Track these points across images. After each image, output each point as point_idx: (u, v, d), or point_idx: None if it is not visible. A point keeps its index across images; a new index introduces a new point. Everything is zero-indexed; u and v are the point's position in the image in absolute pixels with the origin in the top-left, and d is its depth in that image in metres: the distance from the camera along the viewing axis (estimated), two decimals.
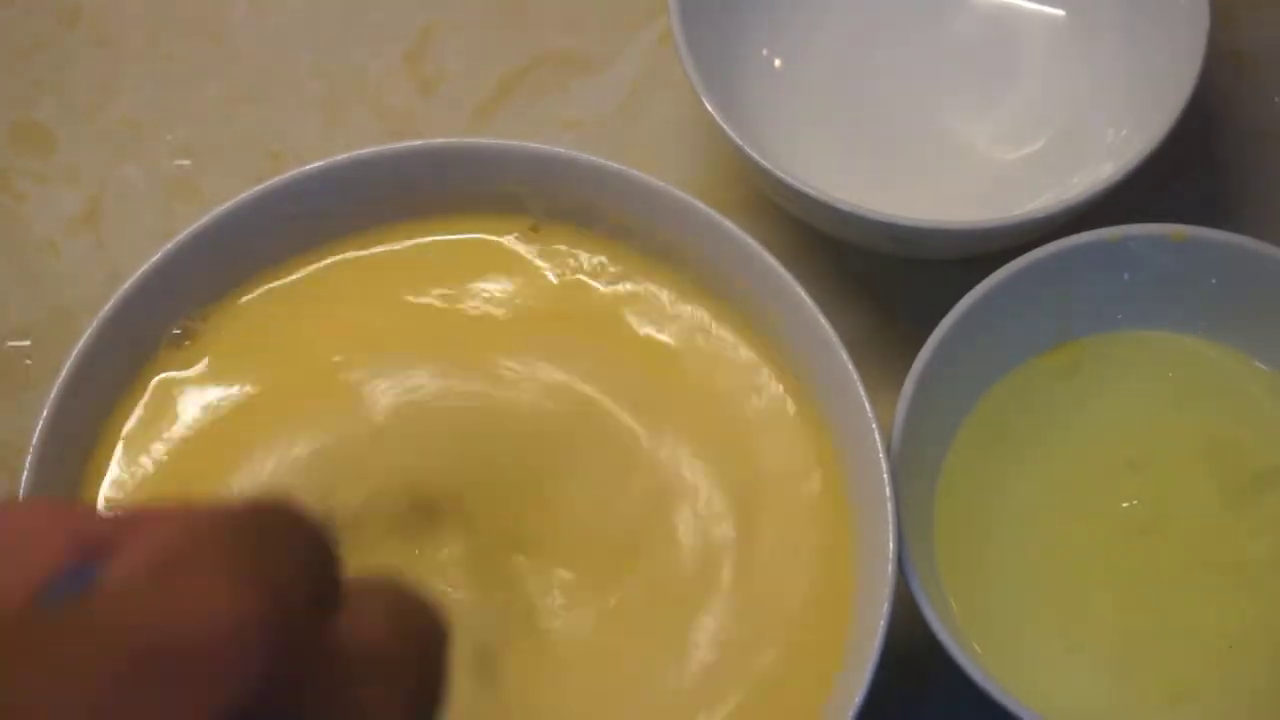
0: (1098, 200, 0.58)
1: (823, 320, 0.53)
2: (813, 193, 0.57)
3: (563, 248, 0.57)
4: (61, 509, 0.31)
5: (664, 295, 0.57)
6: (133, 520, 0.30)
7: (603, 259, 0.57)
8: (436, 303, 0.57)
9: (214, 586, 0.27)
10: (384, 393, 0.55)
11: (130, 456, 0.55)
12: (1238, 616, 0.54)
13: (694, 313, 0.57)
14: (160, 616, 0.26)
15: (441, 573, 0.53)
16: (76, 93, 0.67)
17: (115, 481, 0.54)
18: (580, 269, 0.57)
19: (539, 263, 0.57)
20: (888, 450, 0.52)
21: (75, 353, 0.53)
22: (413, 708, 0.30)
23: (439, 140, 0.57)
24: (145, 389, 0.55)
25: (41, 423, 0.52)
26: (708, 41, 0.61)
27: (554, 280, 0.57)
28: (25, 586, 0.29)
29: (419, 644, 0.31)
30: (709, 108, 0.59)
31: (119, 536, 0.29)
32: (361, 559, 0.32)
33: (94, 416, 0.54)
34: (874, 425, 0.52)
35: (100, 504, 0.53)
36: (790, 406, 0.55)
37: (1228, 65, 0.66)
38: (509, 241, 0.57)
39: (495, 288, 0.57)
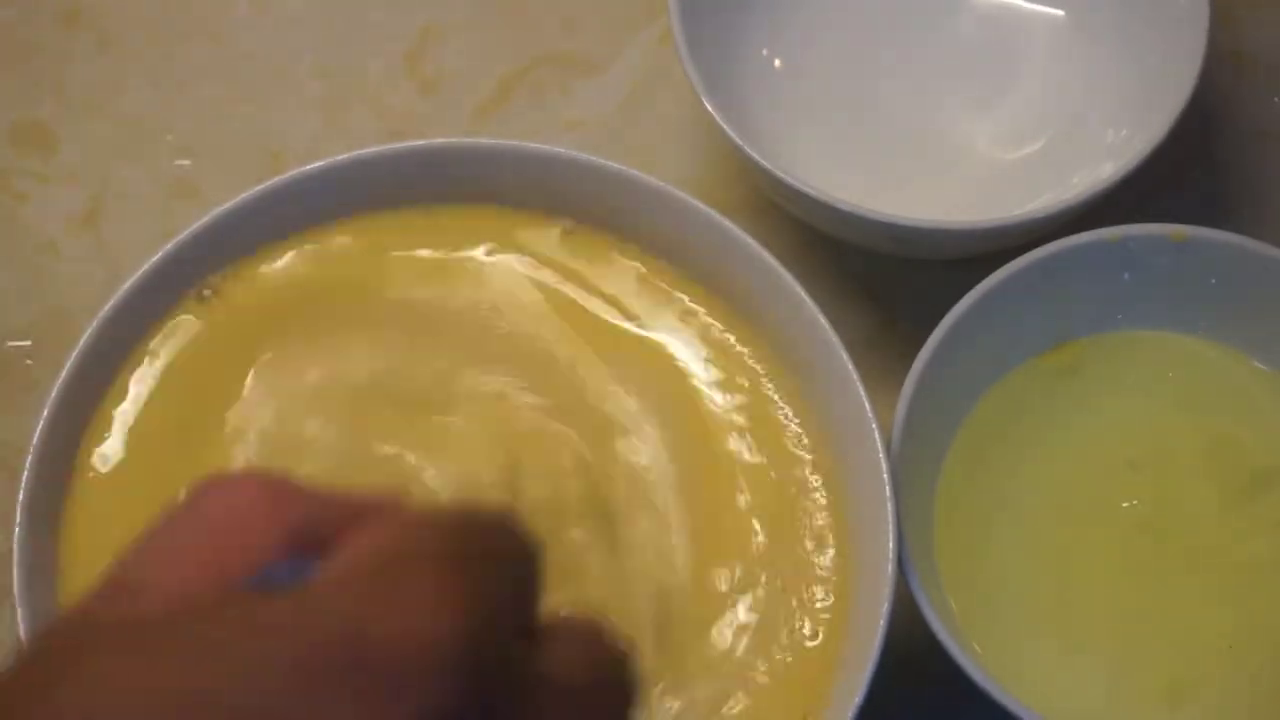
0: (1098, 200, 0.58)
1: (823, 320, 0.53)
2: (813, 193, 0.57)
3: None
4: (280, 492, 0.30)
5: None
6: (350, 514, 0.29)
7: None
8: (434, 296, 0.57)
9: (423, 600, 0.26)
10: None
11: (132, 453, 0.55)
12: (1238, 616, 0.54)
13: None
14: (363, 624, 0.26)
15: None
16: (76, 93, 0.67)
17: (117, 483, 0.54)
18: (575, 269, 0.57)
19: (537, 261, 0.57)
20: (888, 450, 0.52)
21: (75, 353, 0.53)
22: None
23: (439, 140, 0.57)
24: (146, 387, 0.55)
25: (42, 423, 0.52)
26: (708, 41, 0.61)
27: (553, 278, 0.57)
28: (239, 573, 0.28)
29: (610, 694, 0.30)
30: (709, 108, 0.59)
31: (333, 532, 0.29)
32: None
33: (95, 416, 0.54)
34: (874, 425, 0.52)
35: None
36: (790, 406, 0.55)
37: (1228, 65, 0.66)
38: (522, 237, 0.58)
39: (488, 275, 0.57)
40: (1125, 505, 0.56)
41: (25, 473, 0.52)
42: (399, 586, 0.27)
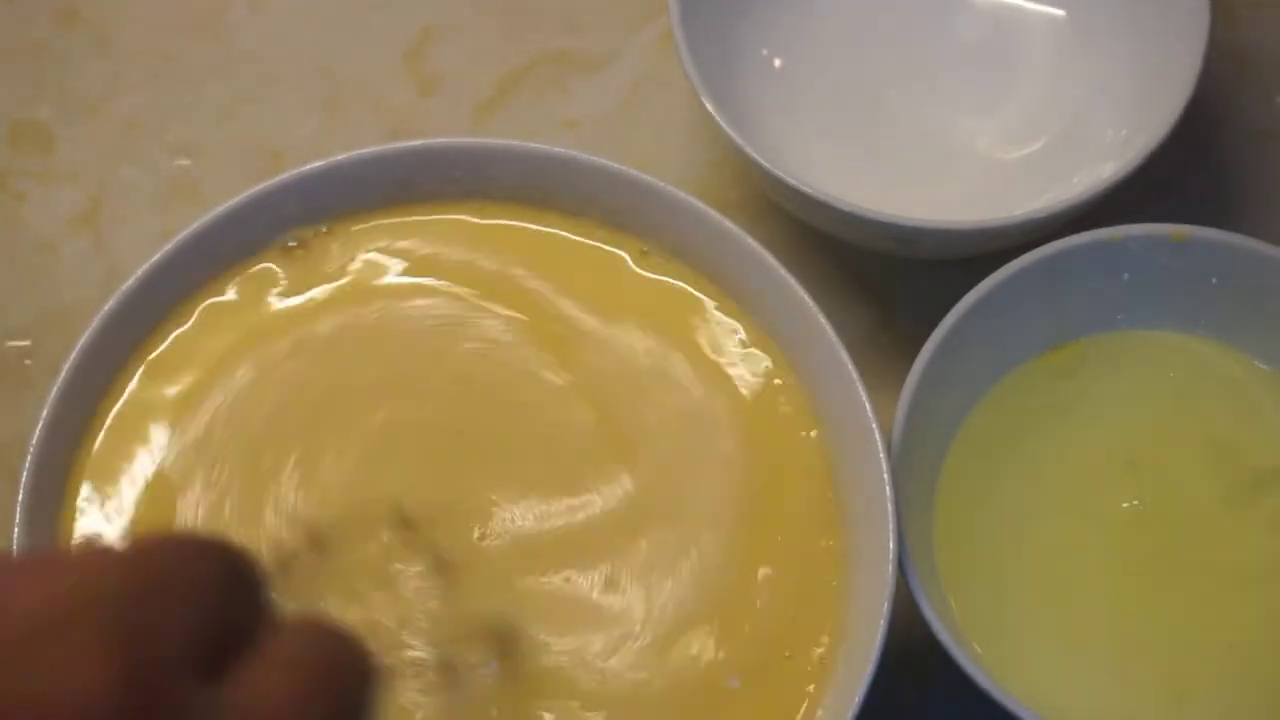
0: (1098, 200, 0.58)
1: (823, 320, 0.53)
2: (813, 193, 0.57)
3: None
4: None
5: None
6: (9, 577, 0.28)
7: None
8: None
9: (76, 654, 0.26)
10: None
11: (132, 455, 0.55)
12: (1238, 616, 0.54)
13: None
14: (23, 688, 0.26)
15: None
16: (76, 93, 0.67)
17: (116, 484, 0.54)
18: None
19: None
20: (888, 450, 0.52)
21: (75, 352, 0.53)
22: None
23: (439, 140, 0.57)
24: (144, 388, 0.55)
25: (41, 423, 0.52)
26: (708, 41, 0.61)
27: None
28: None
29: (332, 704, 0.29)
30: (709, 108, 0.59)
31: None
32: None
33: (94, 415, 0.54)
34: (874, 425, 0.52)
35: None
36: (790, 406, 0.55)
37: (1228, 65, 0.66)
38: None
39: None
40: (1125, 505, 0.56)
41: (25, 473, 0.52)
42: (54, 643, 0.26)
